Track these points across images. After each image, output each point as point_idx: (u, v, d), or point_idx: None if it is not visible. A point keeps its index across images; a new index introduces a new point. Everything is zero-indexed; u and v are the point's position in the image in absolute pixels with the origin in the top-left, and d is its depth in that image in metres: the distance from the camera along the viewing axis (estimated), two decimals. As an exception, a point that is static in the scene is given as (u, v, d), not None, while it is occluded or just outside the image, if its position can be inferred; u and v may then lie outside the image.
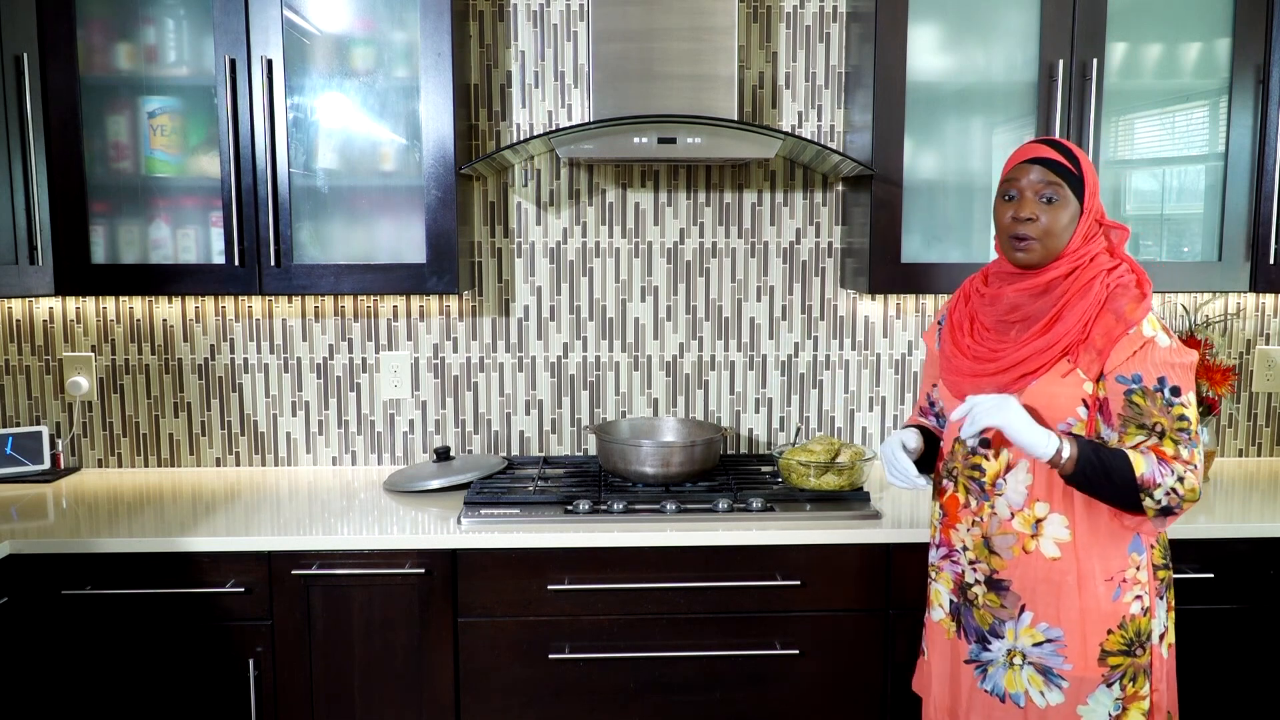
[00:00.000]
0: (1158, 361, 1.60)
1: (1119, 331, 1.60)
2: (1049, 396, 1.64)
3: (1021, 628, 1.70)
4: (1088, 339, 1.62)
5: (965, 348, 1.75)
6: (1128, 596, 1.66)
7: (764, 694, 2.17)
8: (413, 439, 2.69)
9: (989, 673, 1.74)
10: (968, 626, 1.77)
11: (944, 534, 1.81)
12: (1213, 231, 2.41)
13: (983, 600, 1.74)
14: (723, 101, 2.34)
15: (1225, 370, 2.47)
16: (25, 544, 2.05)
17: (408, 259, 2.37)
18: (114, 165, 2.35)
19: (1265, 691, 2.21)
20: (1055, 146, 1.67)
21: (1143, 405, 1.60)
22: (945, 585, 1.82)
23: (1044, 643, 1.68)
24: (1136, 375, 1.60)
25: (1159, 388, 1.59)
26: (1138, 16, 2.36)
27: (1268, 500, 2.38)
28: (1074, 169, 1.65)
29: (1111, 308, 1.62)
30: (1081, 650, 1.66)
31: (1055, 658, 1.67)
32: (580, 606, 2.13)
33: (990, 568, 1.72)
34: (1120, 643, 1.66)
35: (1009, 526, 1.70)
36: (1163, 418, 1.59)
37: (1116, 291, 1.63)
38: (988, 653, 1.74)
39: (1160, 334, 1.61)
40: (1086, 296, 1.63)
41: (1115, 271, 1.66)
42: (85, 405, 2.65)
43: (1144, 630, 1.67)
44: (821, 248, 2.67)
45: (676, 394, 2.71)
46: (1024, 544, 1.69)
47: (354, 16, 2.34)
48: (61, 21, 2.25)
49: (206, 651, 2.10)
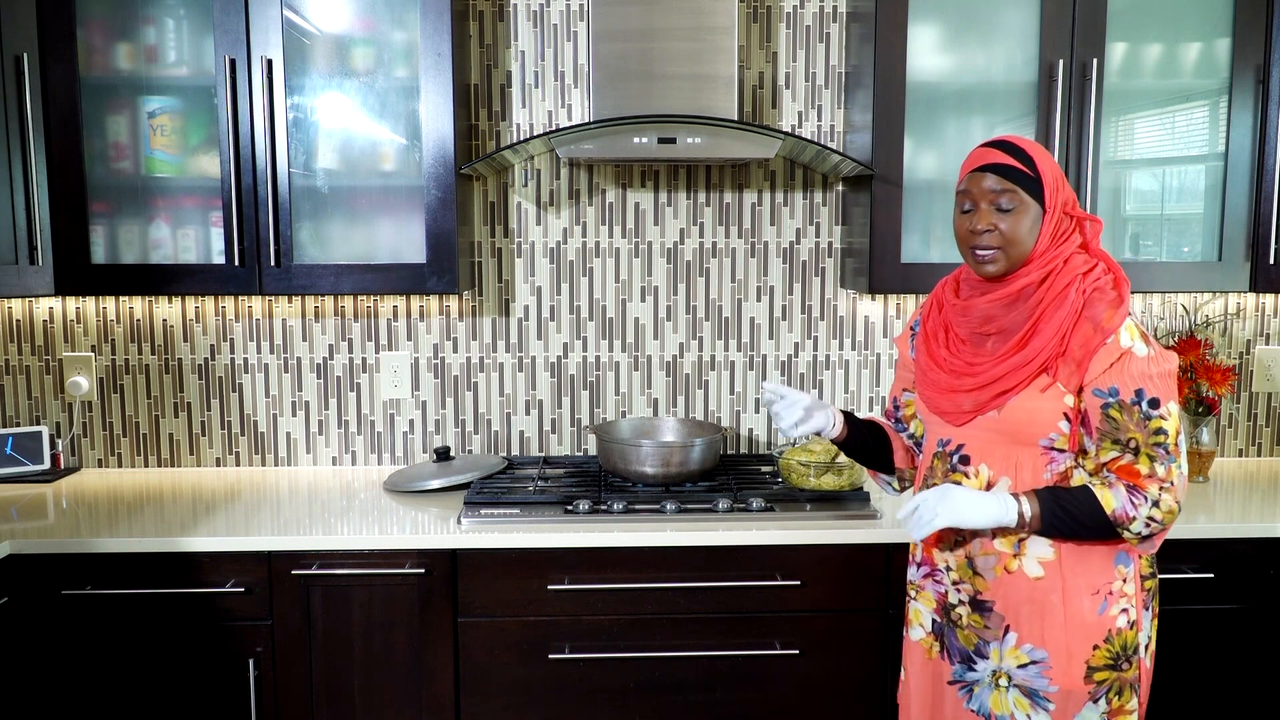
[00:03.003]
0: (1135, 373, 1.54)
1: (1097, 341, 1.54)
2: (1029, 412, 1.59)
3: (1006, 649, 1.65)
4: (1065, 351, 1.56)
5: (941, 360, 1.69)
6: (1114, 610, 1.62)
7: (764, 694, 2.17)
8: (413, 439, 2.69)
9: (975, 693, 1.70)
10: (951, 647, 1.73)
11: (926, 553, 1.76)
12: (1213, 231, 2.41)
13: (967, 621, 1.69)
14: (723, 101, 2.34)
15: (1225, 370, 2.47)
16: (25, 544, 2.05)
17: (408, 259, 2.37)
18: (114, 165, 2.35)
19: (1265, 691, 2.21)
20: (1006, 148, 1.60)
21: (1119, 420, 1.55)
22: (926, 605, 1.77)
23: (1028, 664, 1.63)
24: (1114, 388, 1.54)
25: (1136, 400, 1.54)
26: (1138, 16, 2.36)
27: (1268, 500, 2.38)
28: (1029, 170, 1.58)
29: (1088, 315, 1.55)
30: (1067, 668, 1.61)
31: (1040, 679, 1.62)
32: (580, 606, 2.13)
33: (974, 588, 1.67)
34: (1106, 658, 1.61)
35: (990, 546, 1.65)
36: (1138, 432, 1.54)
37: (1093, 297, 1.56)
38: (973, 673, 1.70)
39: (1138, 343, 1.55)
40: (1062, 306, 1.56)
41: (1091, 275, 1.58)
42: (85, 405, 2.65)
43: (1130, 644, 1.63)
44: (821, 248, 2.67)
45: (676, 394, 2.71)
46: (1006, 564, 1.64)
47: (354, 16, 2.34)
48: (61, 21, 2.25)
49: (206, 651, 2.10)
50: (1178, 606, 2.14)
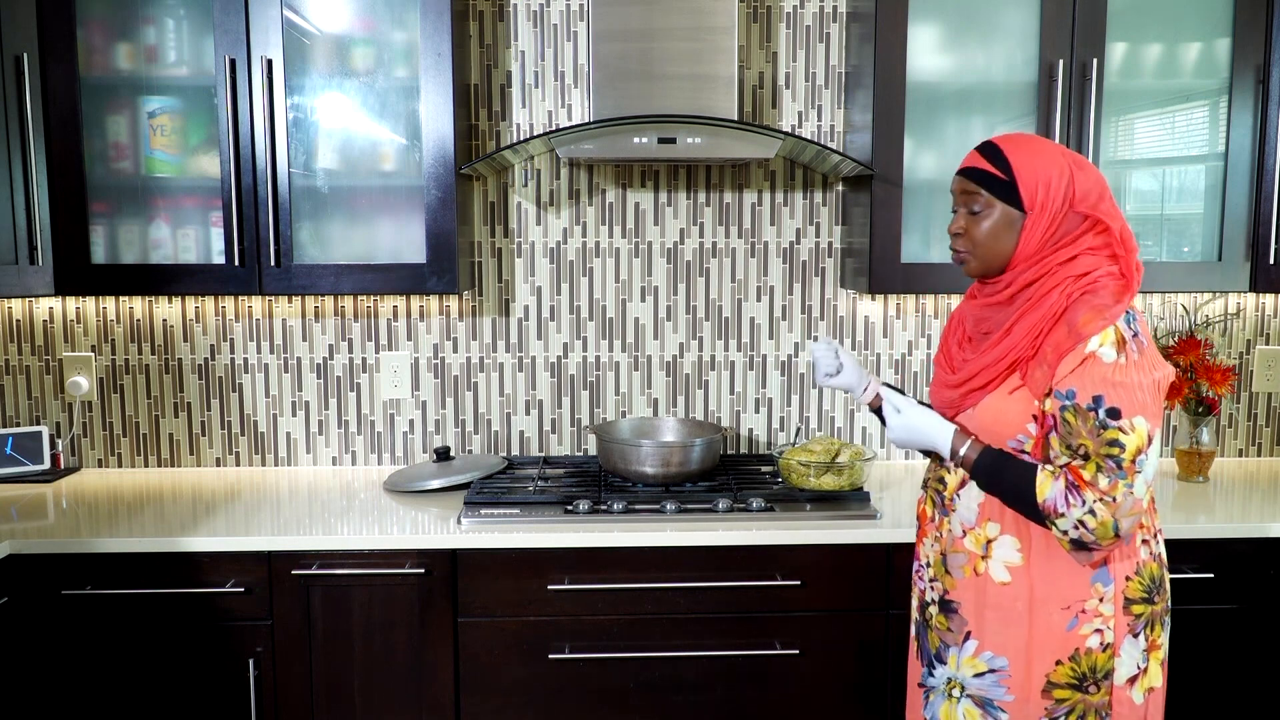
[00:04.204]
0: (1095, 378, 1.46)
1: (1068, 345, 1.48)
2: (997, 412, 1.57)
3: (964, 656, 1.63)
4: (1038, 353, 1.52)
5: (952, 355, 1.71)
6: (1085, 629, 1.55)
7: (764, 694, 2.17)
8: (413, 439, 2.69)
9: (929, 700, 1.69)
10: (923, 647, 1.72)
11: (917, 546, 1.77)
12: (1213, 231, 2.41)
13: (935, 621, 1.68)
14: (723, 101, 2.34)
15: (1225, 370, 2.47)
16: (25, 544, 2.05)
17: (408, 259, 2.37)
18: (114, 165, 2.35)
19: (1265, 691, 2.21)
20: (986, 150, 1.58)
21: (1073, 424, 1.48)
22: (916, 600, 1.77)
23: (986, 673, 1.60)
24: (1071, 390, 1.48)
25: (1093, 406, 1.46)
26: (1138, 16, 2.36)
27: (1268, 500, 2.38)
28: (1001, 174, 1.55)
29: (1067, 318, 1.49)
30: (1025, 680, 1.57)
31: (997, 689, 1.59)
32: (580, 606, 2.13)
33: (944, 587, 1.66)
34: (1069, 675, 1.56)
35: (961, 545, 1.64)
36: (1089, 440, 1.47)
37: (1080, 300, 1.50)
38: (932, 678, 1.69)
39: (1107, 348, 1.47)
40: (1041, 308, 1.52)
41: (1088, 278, 1.51)
42: (85, 405, 2.65)
43: (1100, 667, 1.56)
44: (821, 248, 2.67)
45: (676, 394, 2.71)
46: (975, 565, 1.61)
47: (354, 16, 2.34)
48: (61, 21, 2.25)
49: (206, 651, 2.10)
50: (1177, 606, 2.13)
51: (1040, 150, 1.57)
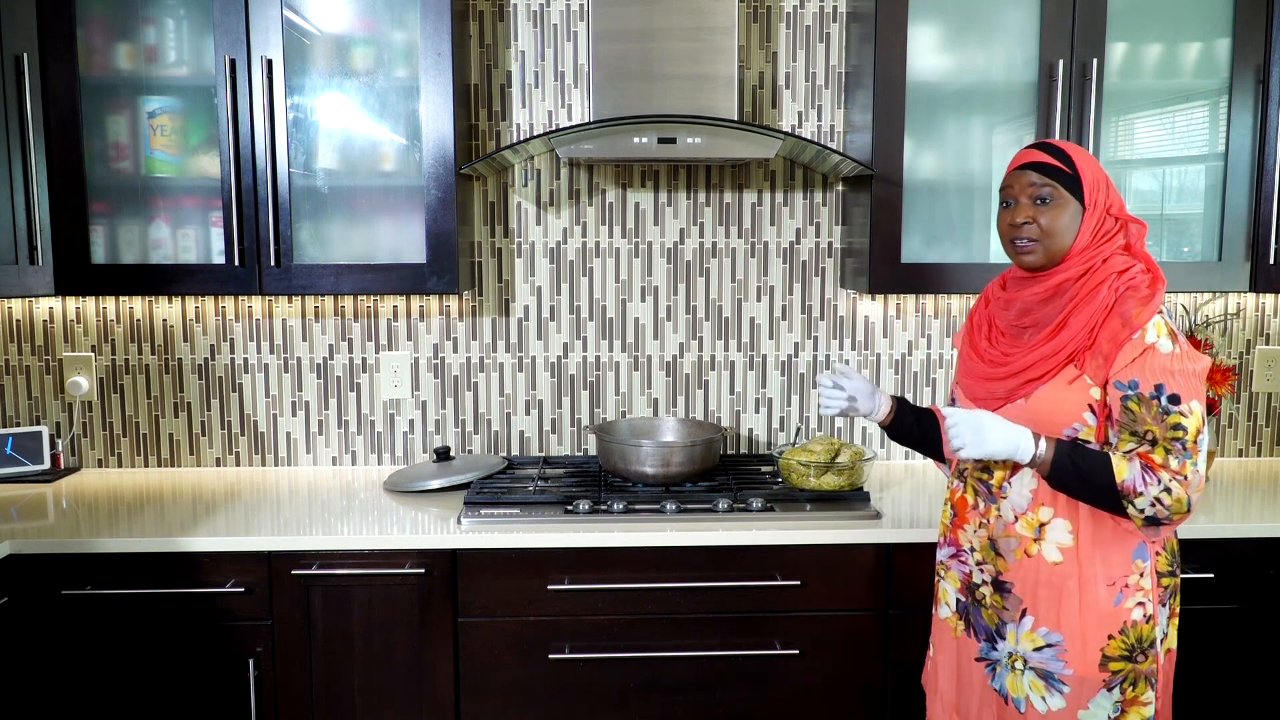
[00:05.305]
0: (1156, 368, 1.58)
1: (1124, 336, 1.59)
2: (1054, 402, 1.64)
3: (1022, 632, 1.70)
4: (1094, 344, 1.61)
5: (982, 351, 1.76)
6: (1129, 602, 1.65)
7: (764, 694, 2.17)
8: (413, 439, 2.69)
9: (996, 672, 1.76)
10: (977, 625, 1.78)
11: (953, 534, 1.82)
12: (1213, 231, 2.41)
13: (990, 600, 1.75)
14: (723, 101, 2.34)
15: (1225, 370, 2.47)
16: (25, 544, 2.05)
17: (408, 259, 2.37)
18: (114, 165, 2.35)
19: (1265, 691, 2.21)
20: (1048, 149, 1.68)
21: (1137, 412, 1.58)
22: (952, 584, 1.83)
23: (1044, 647, 1.68)
24: (1134, 381, 1.58)
25: (1155, 394, 1.58)
26: (1138, 16, 2.36)
27: (1268, 500, 2.38)
28: (1067, 169, 1.65)
29: (1118, 311, 1.60)
30: (1082, 654, 1.66)
31: (1056, 662, 1.67)
32: (580, 606, 2.13)
33: (996, 569, 1.73)
34: (1121, 648, 1.65)
35: (1013, 530, 1.71)
36: (1155, 425, 1.58)
37: (1126, 294, 1.61)
38: (995, 652, 1.75)
39: (1163, 339, 1.59)
40: (1094, 301, 1.62)
41: (1127, 274, 1.63)
42: (85, 405, 2.65)
43: (1146, 637, 1.66)
44: (821, 248, 2.67)
45: (676, 394, 2.71)
46: (1026, 547, 1.69)
47: (354, 16, 2.34)
48: (61, 21, 2.25)
49: (206, 651, 2.10)
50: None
51: (1090, 155, 1.70)
